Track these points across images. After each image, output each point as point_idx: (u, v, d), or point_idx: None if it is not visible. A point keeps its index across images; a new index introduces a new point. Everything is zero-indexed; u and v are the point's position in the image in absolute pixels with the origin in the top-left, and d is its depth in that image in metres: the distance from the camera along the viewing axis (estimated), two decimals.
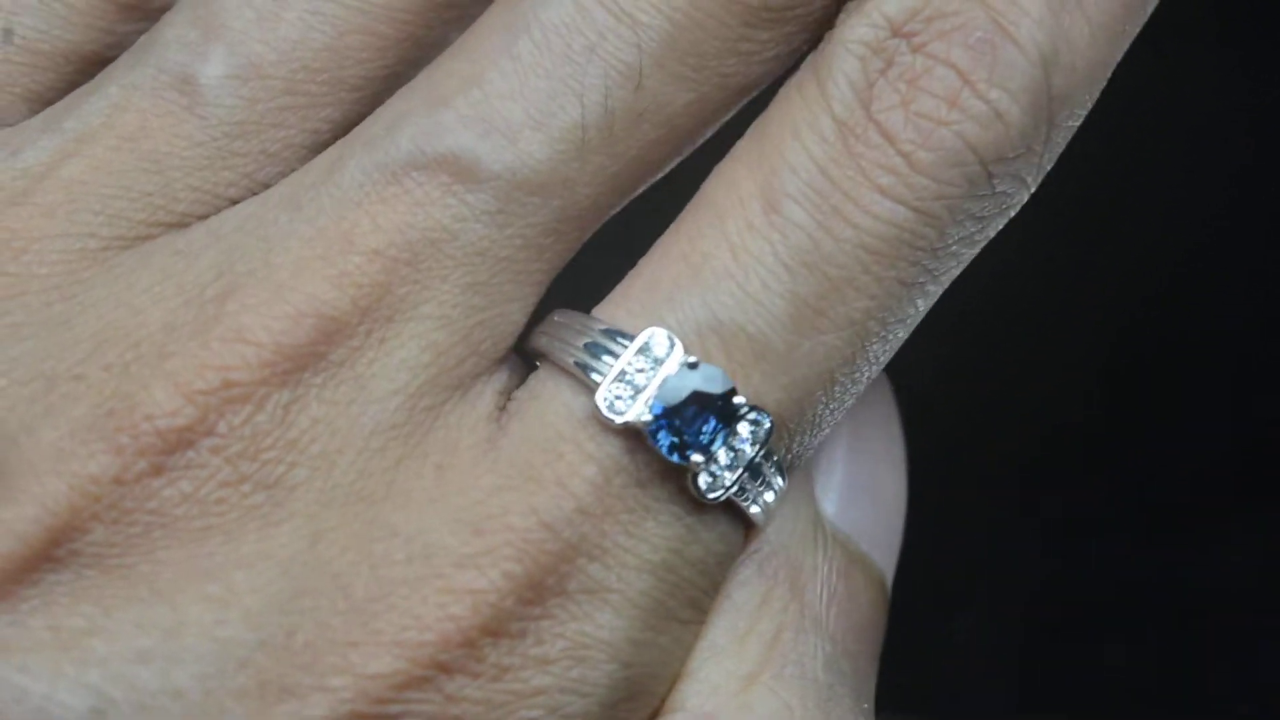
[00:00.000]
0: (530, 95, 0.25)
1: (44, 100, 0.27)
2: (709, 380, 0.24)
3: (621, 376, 0.24)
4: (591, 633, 0.24)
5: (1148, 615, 0.42)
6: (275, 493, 0.24)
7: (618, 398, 0.24)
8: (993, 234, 0.26)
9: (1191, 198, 0.40)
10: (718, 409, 0.24)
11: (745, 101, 0.26)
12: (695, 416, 0.24)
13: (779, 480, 0.25)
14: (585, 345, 0.25)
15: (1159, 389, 0.42)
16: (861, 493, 0.27)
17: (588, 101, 0.25)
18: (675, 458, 0.24)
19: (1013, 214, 0.26)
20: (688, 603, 0.25)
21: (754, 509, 0.25)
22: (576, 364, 0.25)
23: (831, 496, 0.27)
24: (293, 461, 0.24)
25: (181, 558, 0.23)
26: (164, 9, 0.27)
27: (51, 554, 0.23)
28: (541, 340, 0.25)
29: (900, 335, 0.26)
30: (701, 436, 0.24)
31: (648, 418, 0.24)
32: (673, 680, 0.25)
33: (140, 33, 0.27)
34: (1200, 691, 0.42)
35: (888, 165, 0.25)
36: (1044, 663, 0.42)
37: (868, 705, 0.26)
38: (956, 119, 0.25)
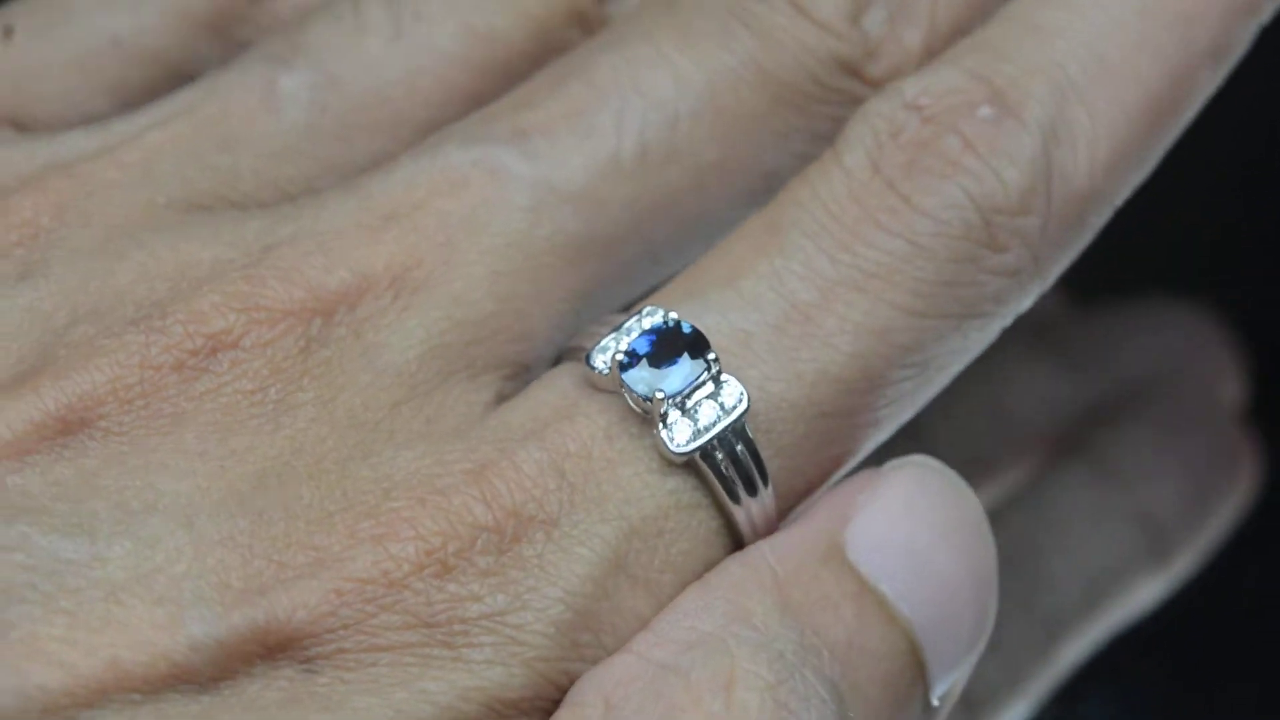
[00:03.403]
0: (574, 119, 0.27)
1: (124, 100, 0.29)
2: (689, 338, 0.26)
3: (611, 336, 0.26)
4: (533, 556, 0.25)
5: None
6: (279, 408, 0.26)
7: (604, 350, 0.26)
8: (1008, 303, 0.27)
9: None
10: (690, 362, 0.26)
11: (770, 194, 0.28)
12: (671, 364, 0.26)
13: (765, 486, 0.26)
14: (588, 333, 0.27)
15: None
16: (903, 553, 0.26)
17: (625, 129, 0.27)
18: (644, 392, 0.25)
19: (1028, 290, 0.27)
20: (638, 558, 0.25)
21: (731, 499, 0.26)
22: (579, 345, 0.26)
23: (864, 543, 0.26)
24: (302, 385, 0.26)
25: (181, 441, 0.25)
26: (244, 43, 0.30)
27: (65, 420, 0.25)
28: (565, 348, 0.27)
29: (908, 364, 0.26)
30: (673, 382, 0.26)
31: (621, 358, 0.26)
32: (629, 629, 0.25)
33: (218, 59, 0.30)
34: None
35: (887, 205, 0.26)
36: None
37: (844, 710, 0.25)
38: (955, 173, 0.27)
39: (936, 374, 0.27)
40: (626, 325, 0.26)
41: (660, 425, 0.26)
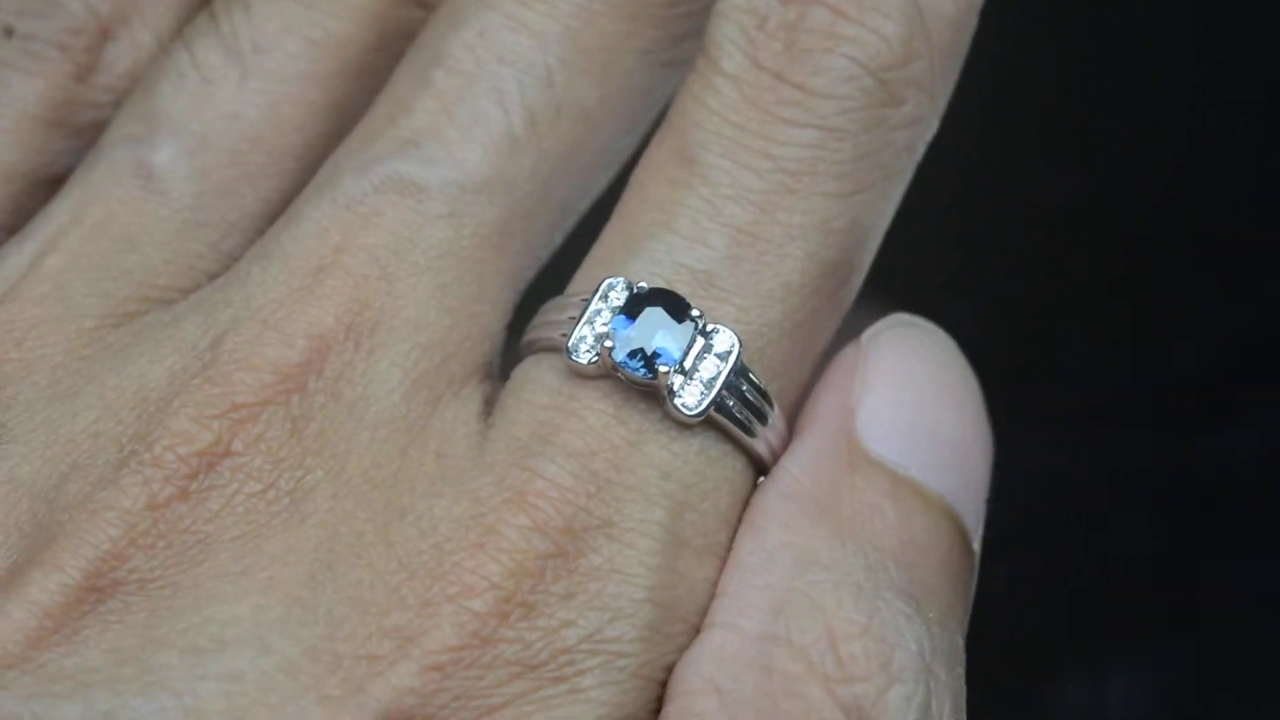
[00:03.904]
0: (454, 110, 0.27)
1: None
2: (666, 304, 0.26)
3: (584, 325, 0.26)
4: (602, 564, 0.24)
5: (1170, 501, 0.43)
6: (296, 495, 0.25)
7: (583, 340, 0.26)
8: (918, 145, 0.28)
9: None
10: (678, 327, 0.25)
11: (655, 112, 0.28)
12: (661, 338, 0.25)
13: (771, 408, 0.26)
14: (551, 321, 0.26)
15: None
16: (913, 428, 0.27)
17: (508, 103, 0.27)
18: (645, 373, 0.25)
19: (931, 126, 0.28)
20: (695, 529, 0.25)
21: (752, 437, 0.26)
22: (545, 338, 0.26)
23: (878, 431, 0.26)
24: (309, 466, 0.25)
25: (218, 566, 0.24)
26: (92, 125, 0.29)
27: (96, 584, 0.24)
28: (523, 338, 0.27)
29: (854, 243, 0.27)
30: (667, 354, 0.25)
31: (610, 345, 0.25)
32: (706, 601, 0.25)
33: (70, 152, 0.29)
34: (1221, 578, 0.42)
35: (786, 99, 0.26)
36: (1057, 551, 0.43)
37: (935, 615, 0.25)
38: (836, 44, 0.27)
39: (877, 238, 0.28)
40: (593, 309, 0.26)
41: (668, 396, 0.25)
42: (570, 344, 0.26)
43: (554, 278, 0.28)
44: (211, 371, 0.25)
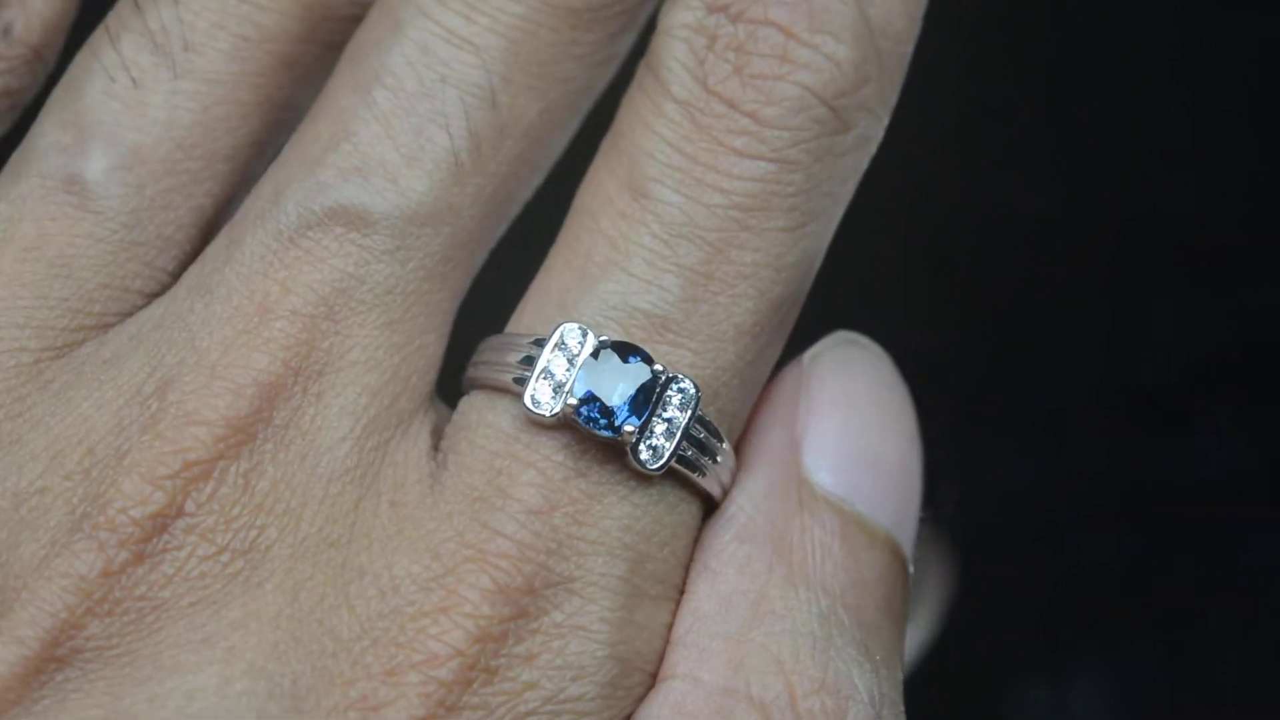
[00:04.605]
0: (398, 135, 0.26)
1: None
2: (627, 357, 0.25)
3: (543, 376, 0.25)
4: (564, 621, 0.24)
5: (1133, 509, 0.43)
6: (251, 556, 0.24)
7: (541, 394, 0.25)
8: (864, 165, 0.27)
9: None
10: (639, 381, 0.25)
11: (589, 107, 0.28)
12: (620, 393, 0.25)
13: (722, 445, 0.26)
14: (503, 362, 0.26)
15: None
16: (858, 460, 0.26)
17: (453, 128, 0.26)
18: (608, 433, 0.25)
19: (876, 144, 0.27)
20: (653, 578, 0.25)
21: (705, 477, 0.26)
22: (495, 379, 0.26)
23: (825, 465, 0.26)
24: (262, 524, 0.25)
25: (178, 634, 0.24)
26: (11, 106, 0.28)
27: (54, 654, 0.24)
28: (469, 371, 0.26)
29: (802, 275, 0.27)
30: (630, 409, 0.25)
31: (573, 402, 0.25)
32: (662, 651, 0.25)
33: None
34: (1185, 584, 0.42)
35: (738, 128, 0.26)
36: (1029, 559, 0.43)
37: (880, 656, 0.26)
38: (789, 70, 0.26)
39: (819, 263, 0.27)
40: (550, 357, 0.25)
41: (630, 451, 0.25)
42: (530, 394, 0.25)
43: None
44: (161, 426, 0.25)
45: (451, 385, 0.27)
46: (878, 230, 0.29)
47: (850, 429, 0.26)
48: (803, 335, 0.28)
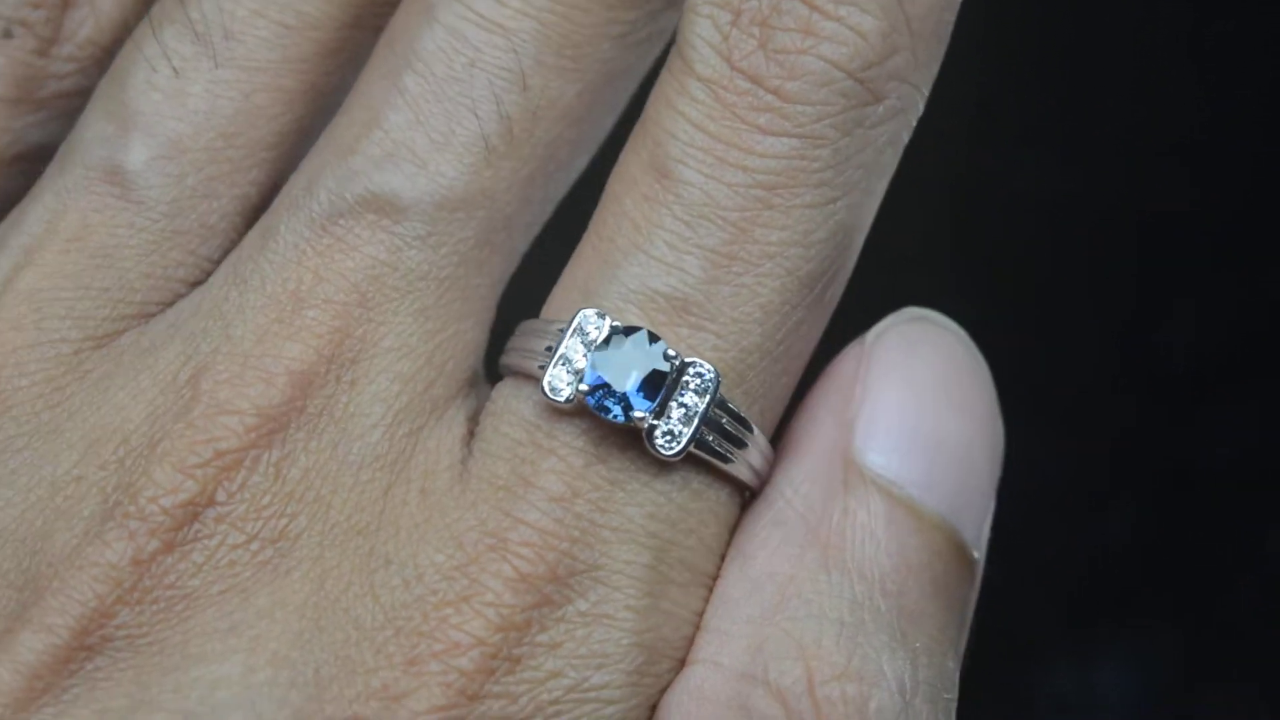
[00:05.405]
0: (428, 121, 0.26)
1: None
2: (640, 342, 0.25)
3: (560, 362, 0.25)
4: (589, 610, 0.24)
5: (1152, 490, 0.43)
6: (281, 545, 0.25)
7: (558, 380, 0.25)
8: (904, 136, 0.26)
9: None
10: (653, 366, 0.25)
11: (634, 86, 0.27)
12: (636, 379, 0.25)
13: (751, 430, 0.25)
14: (530, 348, 0.26)
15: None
16: (912, 441, 0.26)
17: (482, 112, 0.26)
18: (623, 418, 0.25)
19: (917, 112, 0.26)
20: (680, 564, 0.25)
21: (731, 463, 0.25)
22: (522, 365, 0.26)
23: (876, 446, 0.26)
24: (292, 513, 0.25)
25: (205, 622, 0.24)
26: (56, 95, 0.28)
27: (85, 643, 0.24)
28: (502, 358, 0.26)
29: (837, 250, 0.26)
30: (646, 395, 0.25)
31: (585, 388, 0.25)
32: (692, 634, 0.25)
33: (36, 125, 0.28)
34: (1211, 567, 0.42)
35: (762, 105, 0.25)
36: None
37: (921, 643, 0.25)
38: (812, 44, 0.25)
39: (862, 235, 0.26)
40: (568, 344, 0.25)
41: (646, 438, 0.25)
42: (547, 381, 0.25)
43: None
44: (193, 415, 0.25)
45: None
46: (897, 215, 0.29)
47: (907, 408, 0.26)
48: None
